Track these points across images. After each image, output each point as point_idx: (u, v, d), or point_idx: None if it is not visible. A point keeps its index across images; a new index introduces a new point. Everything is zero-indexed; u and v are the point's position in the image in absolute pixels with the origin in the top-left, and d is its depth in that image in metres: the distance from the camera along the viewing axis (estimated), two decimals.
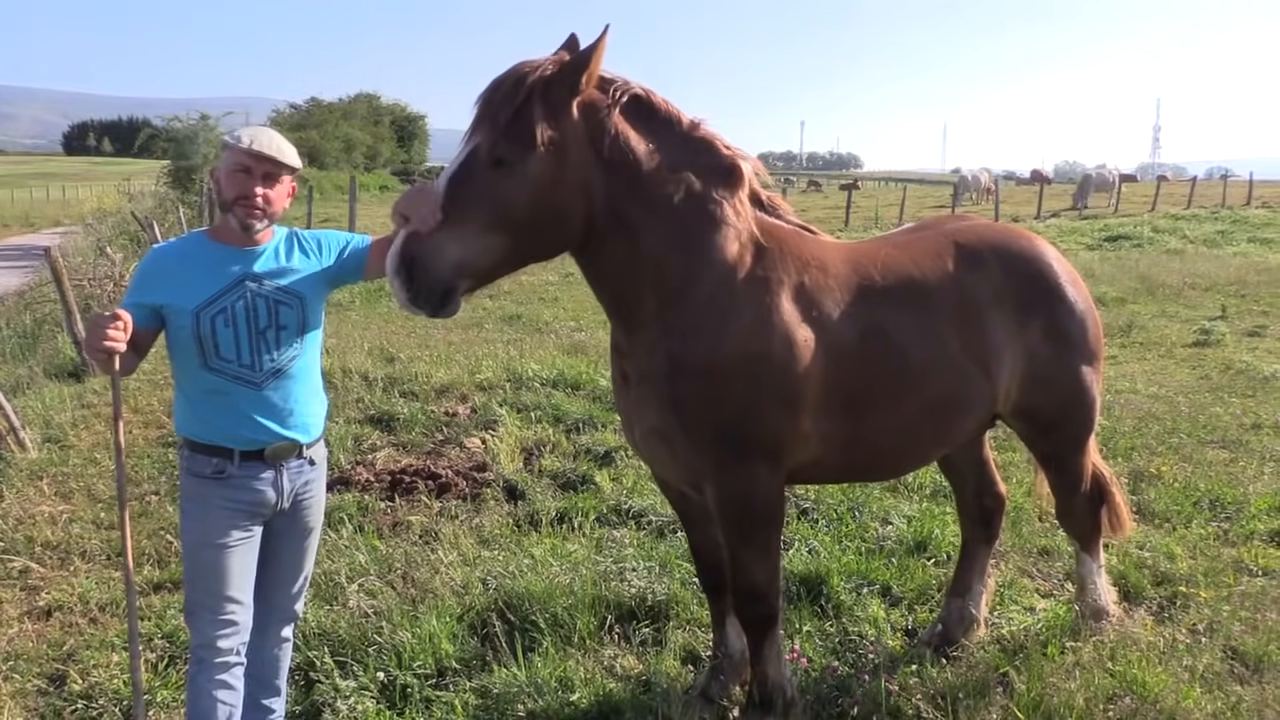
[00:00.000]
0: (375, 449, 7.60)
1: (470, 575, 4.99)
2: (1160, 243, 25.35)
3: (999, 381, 3.86)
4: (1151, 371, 10.62)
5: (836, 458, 3.71)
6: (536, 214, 3.06)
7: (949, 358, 3.72)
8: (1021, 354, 3.90)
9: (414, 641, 4.24)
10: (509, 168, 3.00)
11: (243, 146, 3.15)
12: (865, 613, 4.67)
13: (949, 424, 3.88)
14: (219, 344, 3.20)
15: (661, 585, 4.82)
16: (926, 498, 6.25)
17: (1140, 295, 15.89)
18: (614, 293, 3.43)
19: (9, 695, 4.16)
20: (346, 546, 5.45)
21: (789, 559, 5.20)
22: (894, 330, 3.64)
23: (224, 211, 3.23)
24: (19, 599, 5.14)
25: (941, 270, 3.79)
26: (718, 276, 3.37)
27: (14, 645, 4.60)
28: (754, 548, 3.62)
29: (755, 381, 3.38)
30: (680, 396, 3.40)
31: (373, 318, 13.84)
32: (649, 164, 3.24)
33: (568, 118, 3.06)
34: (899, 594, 4.93)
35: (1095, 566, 4.54)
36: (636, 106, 3.26)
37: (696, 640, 4.46)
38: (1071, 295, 4.02)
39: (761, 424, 3.43)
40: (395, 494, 6.53)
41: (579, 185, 3.13)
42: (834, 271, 3.60)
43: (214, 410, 3.24)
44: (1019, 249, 4.01)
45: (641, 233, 3.28)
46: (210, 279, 3.21)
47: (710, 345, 3.36)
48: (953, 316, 3.74)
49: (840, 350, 3.50)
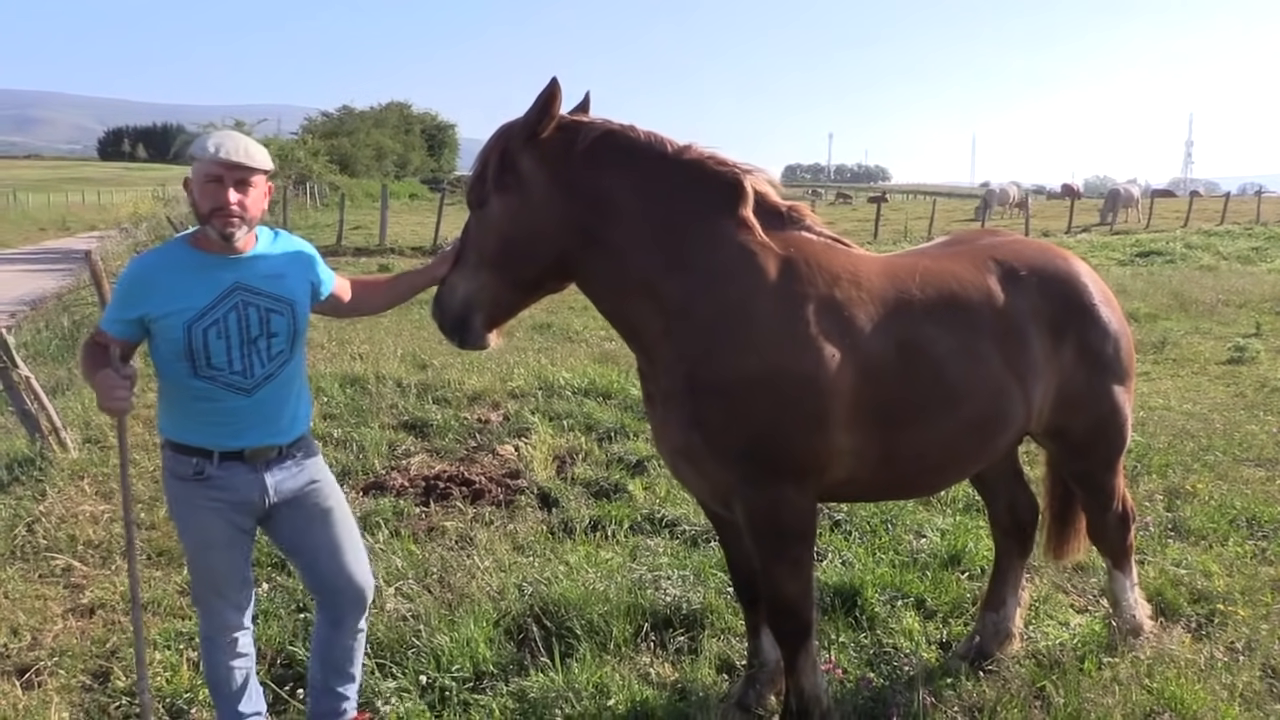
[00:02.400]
0: (409, 455, 7.67)
1: (506, 581, 5.04)
2: (1193, 259, 25.14)
3: (1034, 399, 3.83)
4: (1185, 388, 10.54)
5: (872, 475, 3.67)
6: (508, 249, 3.39)
7: (989, 374, 3.69)
8: (1055, 373, 3.87)
9: (452, 645, 4.29)
10: (481, 211, 3.42)
11: (210, 156, 3.12)
12: (900, 625, 4.67)
13: (987, 441, 3.83)
14: (210, 355, 3.23)
15: (696, 594, 4.85)
16: (960, 511, 6.24)
17: (1173, 311, 15.76)
18: (619, 318, 3.59)
19: (55, 691, 4.23)
20: (383, 550, 5.51)
21: (823, 570, 5.21)
22: (932, 344, 3.59)
23: (202, 224, 3.22)
24: (63, 596, 5.23)
25: (981, 285, 3.77)
26: (726, 293, 3.39)
27: (59, 642, 4.68)
28: (785, 564, 3.61)
29: (779, 398, 3.37)
30: (701, 416, 3.43)
31: (404, 324, 13.94)
32: (630, 193, 3.39)
33: (528, 163, 3.34)
34: (933, 607, 4.93)
35: (1128, 584, 4.51)
36: (611, 142, 3.41)
37: (731, 649, 4.48)
38: (1105, 316, 4.00)
39: (788, 441, 3.41)
40: (430, 499, 6.58)
41: (547, 222, 3.36)
42: (868, 284, 3.55)
43: (200, 415, 3.29)
44: (1055, 268, 3.98)
45: (630, 258, 3.41)
46: (200, 290, 3.21)
47: (727, 363, 3.37)
48: (993, 332, 3.71)
49: (874, 365, 3.47)
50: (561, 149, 3.35)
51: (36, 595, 5.19)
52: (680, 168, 3.44)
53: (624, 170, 3.39)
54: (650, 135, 3.47)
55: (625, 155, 3.41)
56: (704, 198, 3.44)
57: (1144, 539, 5.80)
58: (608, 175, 3.37)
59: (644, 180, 3.40)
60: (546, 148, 3.34)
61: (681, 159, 3.45)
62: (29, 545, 5.80)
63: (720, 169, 3.47)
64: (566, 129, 3.37)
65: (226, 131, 3.33)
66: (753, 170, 3.54)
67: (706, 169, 3.46)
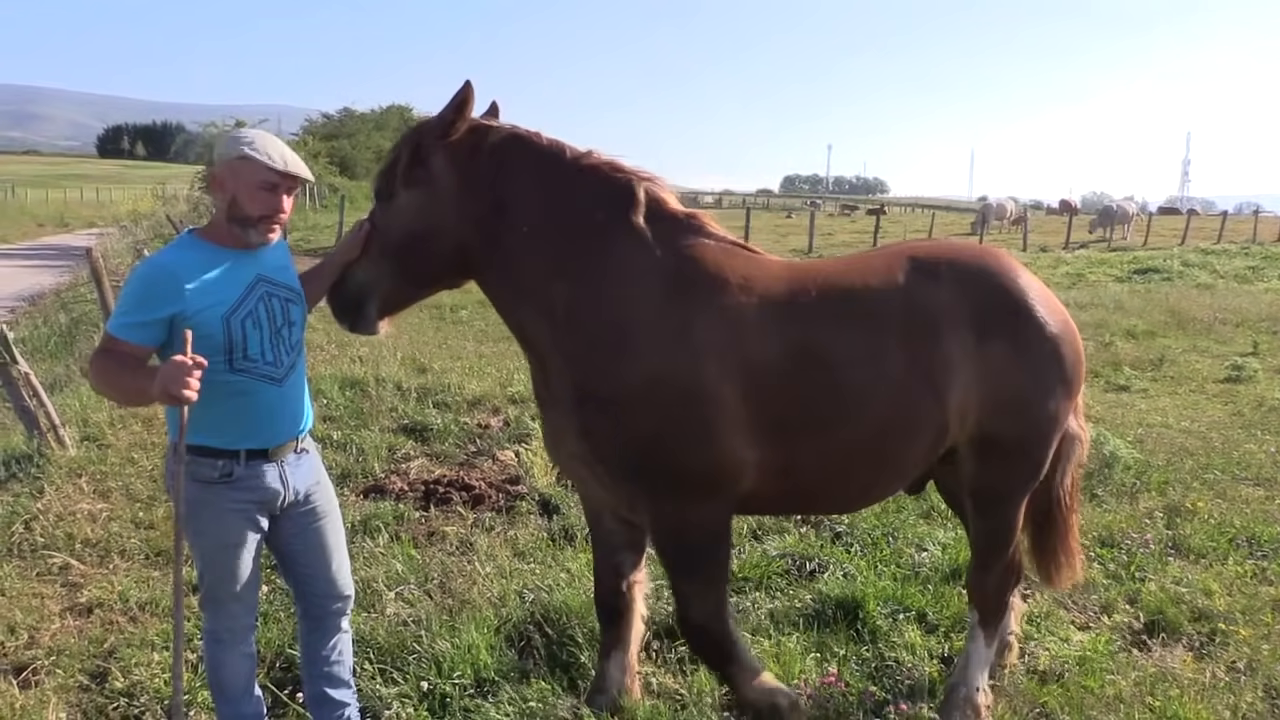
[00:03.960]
0: (409, 458, 7.66)
1: (507, 588, 5.02)
2: (1190, 277, 25.20)
3: (952, 403, 3.58)
4: (1183, 406, 10.55)
5: (776, 487, 3.55)
6: (410, 243, 3.45)
7: (892, 377, 3.50)
8: (979, 374, 3.58)
9: (454, 651, 4.26)
10: (388, 203, 3.48)
11: (275, 166, 3.16)
12: (902, 639, 4.65)
13: (895, 449, 3.62)
14: (248, 346, 3.24)
15: None
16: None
17: (1170, 329, 15.79)
18: (512, 321, 3.62)
19: (52, 691, 4.20)
20: (383, 555, 5.49)
21: (825, 582, 5.20)
22: (826, 349, 3.46)
23: (241, 226, 3.22)
24: (60, 595, 5.20)
25: (888, 284, 3.58)
26: (613, 302, 3.41)
27: (56, 641, 4.65)
28: (694, 582, 3.55)
29: (661, 408, 3.33)
30: (589, 426, 3.43)
31: (404, 328, 13.91)
32: (529, 197, 3.45)
33: (436, 160, 3.41)
34: (935, 621, 4.92)
35: (985, 653, 4.04)
36: (516, 146, 3.50)
37: None
38: (1042, 316, 3.68)
39: (676, 453, 3.36)
40: (430, 504, 6.56)
41: (450, 219, 3.44)
42: (760, 289, 3.46)
43: (231, 412, 3.25)
44: (979, 264, 3.73)
45: (524, 262, 3.46)
46: (231, 283, 3.23)
47: (610, 374, 3.37)
48: (898, 333, 3.51)
49: (765, 372, 3.37)
50: (470, 150, 3.44)
51: (34, 593, 5.16)
52: (578, 174, 3.50)
53: (525, 174, 3.46)
54: (552, 142, 3.55)
55: (528, 159, 3.49)
56: (598, 204, 3.48)
57: (1144, 556, 5.81)
58: (510, 178, 3.45)
59: (543, 185, 3.47)
60: (456, 148, 3.43)
61: (579, 165, 3.51)
62: (26, 543, 5.77)
63: (615, 175, 3.51)
64: (476, 131, 3.47)
65: (270, 136, 3.30)
66: (651, 178, 3.57)
67: (602, 175, 3.51)
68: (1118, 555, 5.86)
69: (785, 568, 5.46)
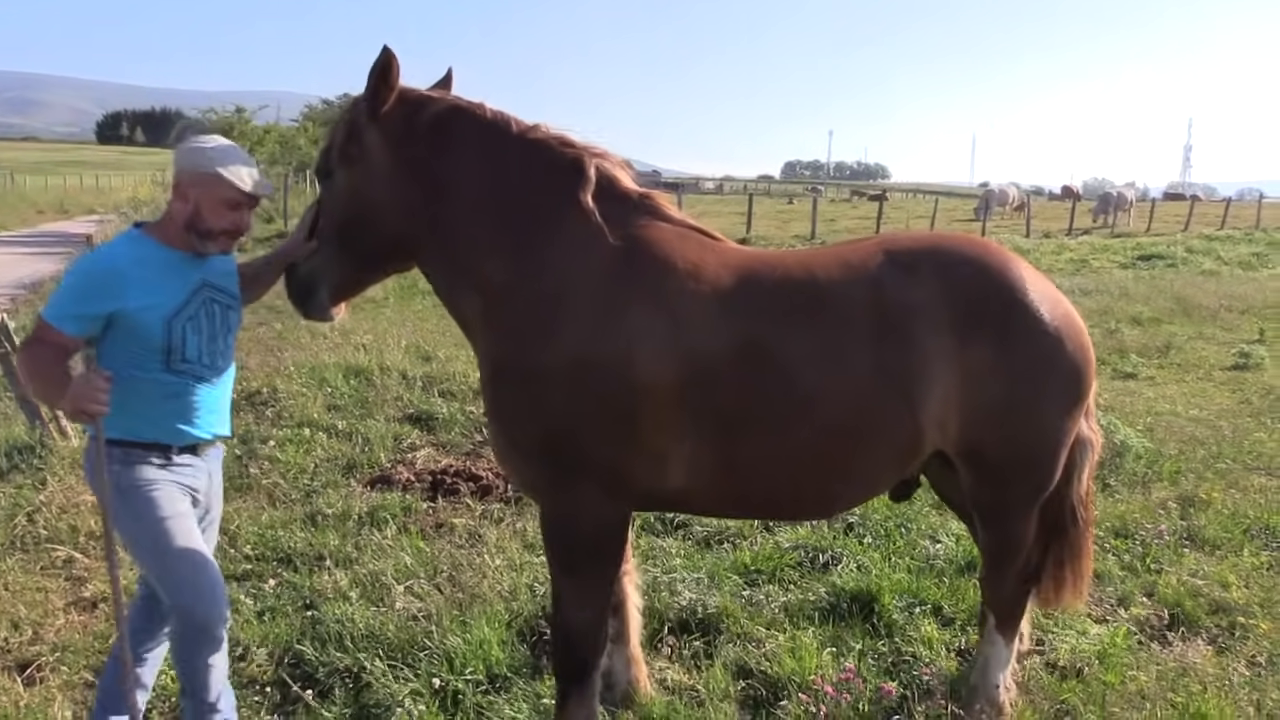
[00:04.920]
0: (415, 448, 7.58)
1: (517, 581, 4.95)
2: (1194, 263, 25.11)
3: (926, 409, 3.27)
4: (1191, 394, 10.47)
5: (709, 487, 3.32)
6: (349, 223, 3.36)
7: (852, 378, 3.22)
8: (960, 378, 3.26)
9: (465, 647, 4.20)
10: (328, 182, 3.42)
11: (244, 189, 3.19)
12: (918, 633, 4.59)
13: (854, 456, 3.32)
14: (186, 350, 3.24)
15: (712, 598, 4.77)
16: None
17: (1176, 316, 15.69)
18: (451, 304, 3.51)
19: (57, 688, 4.14)
20: (391, 547, 5.43)
21: (839, 575, 5.14)
22: (779, 345, 3.21)
23: (200, 238, 3.23)
24: (64, 589, 5.13)
25: (856, 278, 3.29)
26: (547, 279, 3.26)
27: (61, 636, 4.58)
28: (575, 581, 3.36)
29: (580, 392, 3.14)
30: (501, 403, 3.32)
31: (408, 315, 13.85)
32: (469, 172, 3.33)
33: (369, 136, 3.30)
34: (951, 614, 4.85)
35: (1006, 654, 3.85)
36: (456, 118, 3.37)
37: (747, 654, 4.39)
38: (1038, 312, 3.33)
39: (589, 440, 3.17)
40: (437, 494, 6.49)
41: (386, 197, 3.33)
42: (710, 277, 3.23)
43: (164, 410, 3.25)
44: (964, 255, 3.41)
45: (461, 240, 3.34)
46: (177, 287, 3.24)
47: (530, 350, 3.21)
48: (862, 331, 3.23)
49: (706, 365, 3.15)
50: (405, 123, 3.32)
51: (38, 588, 5.09)
52: (524, 148, 3.37)
53: (466, 148, 3.34)
54: (497, 114, 3.41)
55: (469, 133, 3.36)
56: (544, 181, 3.35)
57: (1159, 548, 5.74)
58: (449, 152, 3.33)
59: (485, 160, 3.35)
60: (389, 121, 3.31)
61: (525, 139, 3.38)
62: (29, 535, 5.71)
63: (563, 150, 3.37)
64: (412, 103, 3.34)
65: (234, 149, 3.31)
66: (603, 154, 3.42)
67: (549, 150, 3.37)
68: (1132, 546, 5.80)
69: (798, 560, 5.40)
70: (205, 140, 3.30)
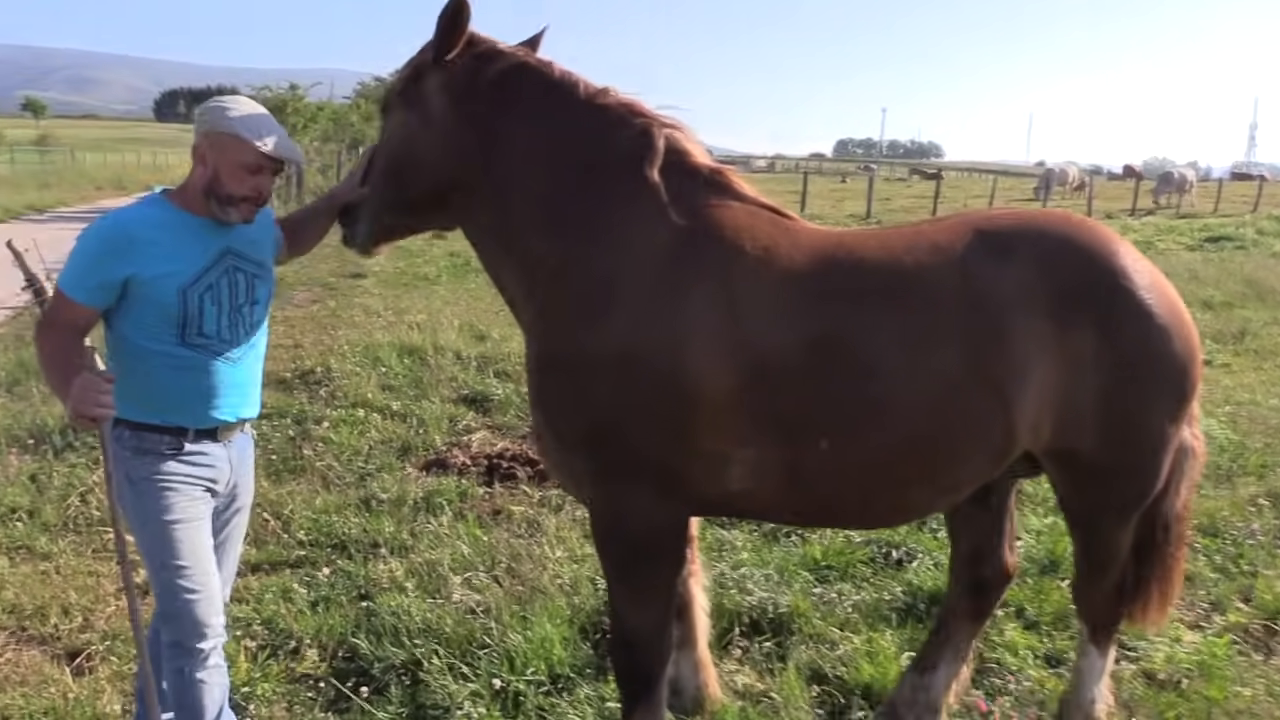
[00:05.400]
0: (470, 430, 7.42)
1: (579, 573, 4.76)
2: (1265, 245, 24.27)
3: (1021, 409, 2.94)
4: (1270, 382, 10.04)
5: (774, 493, 3.01)
6: (395, 165, 3.19)
7: (940, 378, 2.89)
8: (1059, 372, 2.93)
9: (527, 646, 4.01)
10: (385, 118, 3.29)
11: (263, 149, 2.93)
12: (1002, 637, 4.34)
13: (940, 463, 3.01)
14: (203, 322, 3.00)
15: (783, 596, 4.54)
16: (1052, 510, 5.87)
17: (1249, 300, 15.13)
18: (493, 273, 3.30)
19: (106, 679, 4.02)
20: (448, 535, 5.27)
21: (915, 573, 4.89)
22: (858, 339, 2.89)
23: (220, 204, 2.97)
24: (116, 574, 5.00)
25: (946, 263, 2.96)
26: (600, 259, 2.99)
27: (111, 625, 4.46)
28: (631, 587, 3.10)
29: (629, 385, 2.87)
30: (545, 392, 3.07)
31: (460, 294, 13.70)
32: (528, 134, 3.09)
33: (430, 81, 3.11)
34: (1034, 617, 4.59)
35: (1101, 667, 3.53)
36: (522, 75, 3.12)
37: (822, 658, 4.16)
38: (1147, 300, 2.99)
39: (638, 437, 2.90)
40: (493, 479, 6.32)
41: (436, 143, 3.13)
42: (783, 263, 2.93)
43: (179, 389, 3.00)
44: (1064, 234, 3.06)
45: (510, 204, 3.10)
46: (194, 254, 2.98)
47: (577, 337, 2.96)
48: (954, 322, 2.91)
49: (773, 360, 2.85)
50: (469, 75, 3.11)
51: (89, 571, 4.99)
52: (590, 113, 3.11)
53: (527, 108, 3.10)
54: (565, 74, 3.15)
55: (533, 92, 3.12)
56: (608, 150, 3.07)
57: (1252, 548, 5.42)
58: (509, 111, 3.10)
59: (547, 122, 3.11)
60: (453, 71, 3.11)
61: (593, 103, 3.11)
62: (82, 516, 5.62)
63: (632, 119, 3.09)
64: (480, 55, 3.13)
65: (257, 109, 3.04)
66: (675, 125, 3.13)
67: (618, 117, 3.10)
68: (1223, 546, 5.48)
69: (870, 555, 5.15)
70: (226, 101, 3.05)
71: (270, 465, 6.45)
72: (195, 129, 3.04)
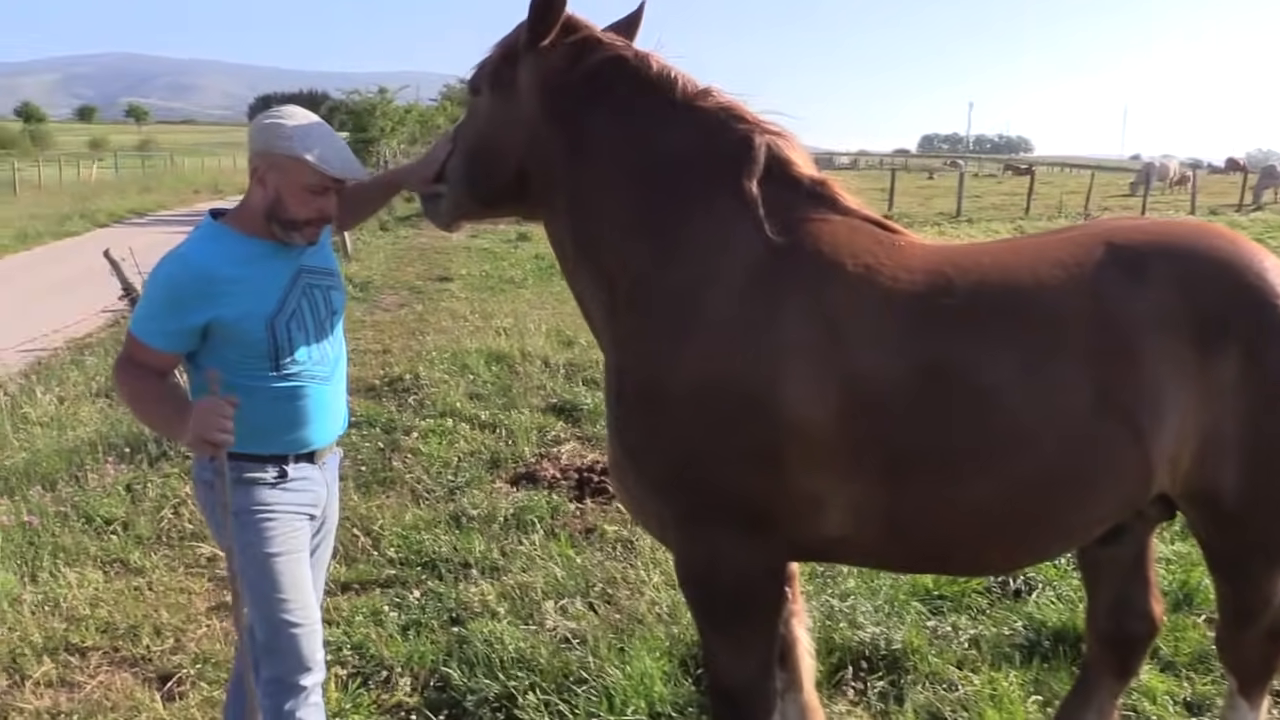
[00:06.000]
0: (559, 441, 7.26)
1: (676, 600, 4.53)
2: None
3: (1158, 445, 2.62)
4: None
5: (877, 537, 2.74)
6: (476, 148, 3.02)
7: (1068, 411, 2.60)
8: (1200, 404, 2.62)
9: (626, 682, 3.81)
10: (473, 99, 3.07)
11: (329, 172, 2.76)
12: (1137, 682, 4.00)
13: (1065, 506, 2.71)
14: (295, 349, 2.86)
15: (896, 630, 4.26)
16: (1179, 535, 5.49)
17: None
18: (573, 284, 3.06)
19: (196, 705, 3.93)
20: (540, 556, 5.09)
21: (1037, 606, 4.56)
22: (975, 367, 2.61)
23: (284, 228, 2.81)
24: (207, 591, 4.95)
25: (1074, 282, 2.65)
26: (683, 276, 2.73)
27: (203, 646, 4.38)
28: (725, 637, 2.86)
29: (713, 418, 2.63)
30: (625, 423, 2.80)
31: (546, 298, 13.60)
32: (619, 132, 2.84)
33: (523, 66, 2.90)
34: (1169, 657, 4.24)
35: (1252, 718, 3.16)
36: (617, 69, 2.86)
37: (939, 699, 3.88)
38: None
39: (725, 474, 2.66)
40: (584, 494, 6.15)
41: (520, 132, 2.93)
42: (888, 281, 2.66)
43: (278, 417, 2.87)
44: (1205, 250, 2.73)
45: (592, 208, 2.86)
46: (274, 283, 2.85)
47: (660, 364, 2.71)
48: (1084, 349, 2.61)
49: (877, 392, 2.59)
50: (562, 64, 2.88)
51: (181, 589, 4.93)
52: (688, 115, 2.84)
53: (620, 105, 2.86)
54: (664, 71, 2.88)
55: (628, 89, 2.87)
56: (703, 156, 2.81)
57: None
58: (600, 107, 2.85)
59: (639, 123, 2.85)
60: (546, 57, 2.88)
61: (691, 105, 2.84)
62: (175, 530, 5.59)
63: (733, 124, 2.83)
64: (577, 44, 2.89)
65: (314, 121, 2.86)
66: (780, 133, 2.86)
67: (717, 121, 2.83)
68: None
69: (986, 585, 4.82)
70: (282, 115, 2.86)
71: (360, 477, 6.37)
72: (250, 146, 2.87)
